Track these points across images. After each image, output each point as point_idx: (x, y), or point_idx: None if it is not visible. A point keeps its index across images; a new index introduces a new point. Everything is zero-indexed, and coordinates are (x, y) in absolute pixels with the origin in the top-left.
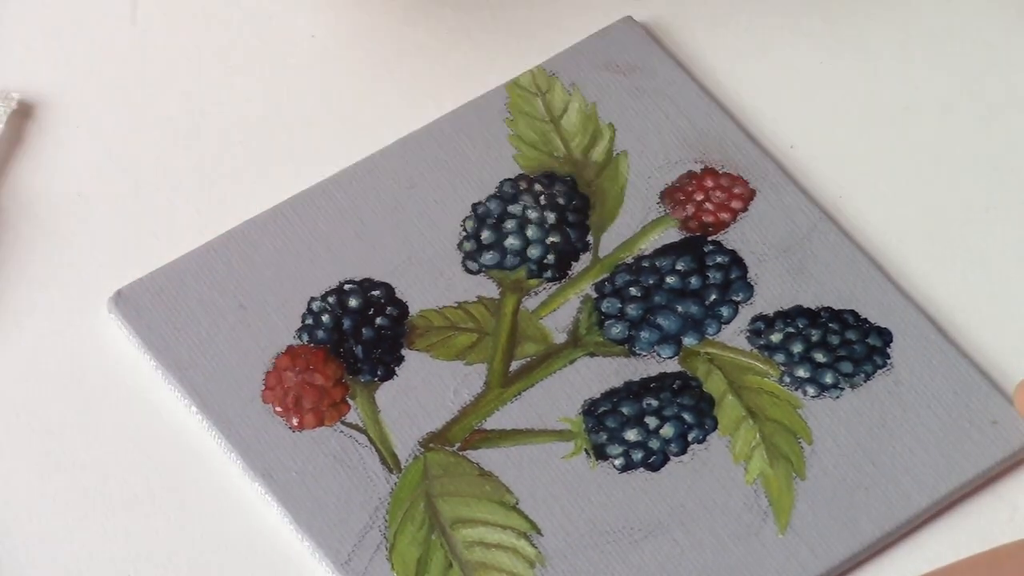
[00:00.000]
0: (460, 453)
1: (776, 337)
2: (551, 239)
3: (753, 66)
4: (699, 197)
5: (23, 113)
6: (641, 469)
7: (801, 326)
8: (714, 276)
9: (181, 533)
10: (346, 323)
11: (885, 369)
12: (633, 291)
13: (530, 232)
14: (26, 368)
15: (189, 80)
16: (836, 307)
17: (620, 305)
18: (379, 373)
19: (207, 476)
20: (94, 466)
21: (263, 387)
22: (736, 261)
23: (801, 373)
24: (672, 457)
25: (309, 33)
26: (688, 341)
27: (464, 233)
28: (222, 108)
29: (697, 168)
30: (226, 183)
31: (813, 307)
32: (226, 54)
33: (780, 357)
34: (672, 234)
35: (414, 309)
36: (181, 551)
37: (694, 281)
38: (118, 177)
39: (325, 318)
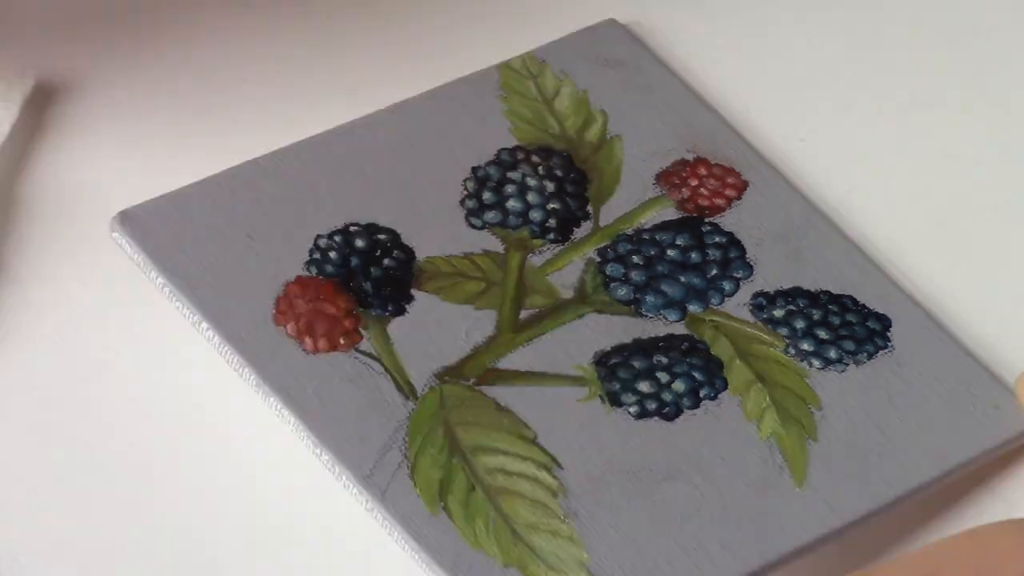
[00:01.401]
0: (476, 388)
1: (778, 312)
2: (551, 205)
3: (737, 67)
4: (694, 182)
5: (44, 96)
6: (656, 418)
7: (802, 305)
8: (713, 253)
9: (191, 456)
10: (354, 261)
11: (887, 351)
12: (636, 259)
13: (530, 197)
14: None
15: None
16: (835, 292)
17: (624, 270)
18: (390, 308)
19: (218, 395)
20: (102, 387)
21: (274, 311)
22: (734, 242)
23: (805, 347)
24: (685, 410)
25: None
26: (693, 308)
27: (465, 192)
28: (234, 62)
29: (690, 157)
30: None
31: (812, 289)
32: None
33: (784, 331)
34: (670, 213)
35: (420, 255)
36: (194, 471)
37: (694, 256)
38: (134, 157)
39: (332, 254)
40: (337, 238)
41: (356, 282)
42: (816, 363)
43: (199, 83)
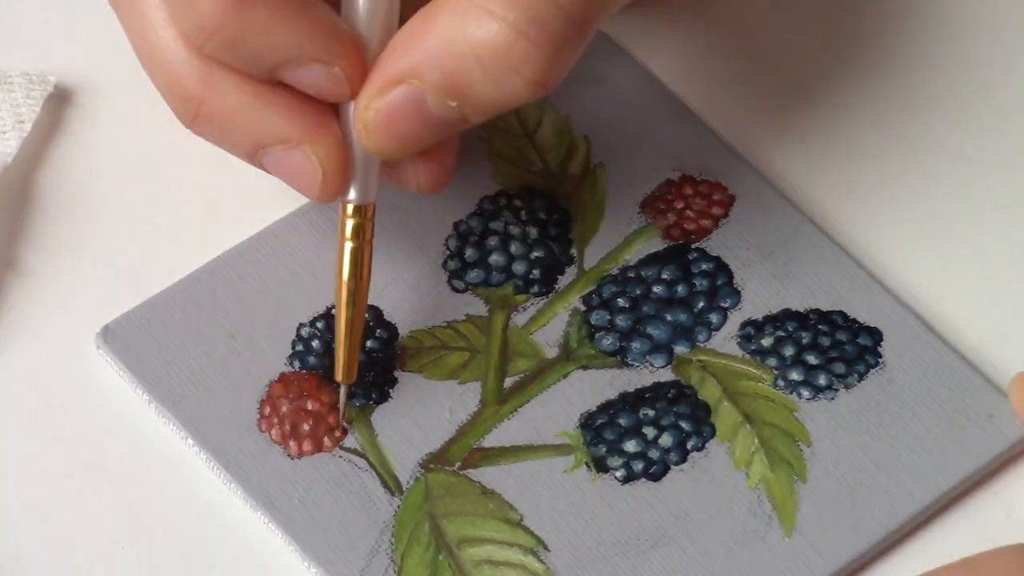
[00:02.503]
0: (461, 472)
1: (767, 341)
2: (535, 254)
3: (725, 72)
4: (679, 205)
5: (61, 98)
6: (643, 479)
7: (791, 329)
8: (700, 283)
9: (184, 568)
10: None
11: (878, 368)
12: (621, 302)
13: (513, 248)
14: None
15: None
16: (824, 308)
17: (609, 317)
18: (373, 396)
19: (207, 509)
20: (90, 504)
21: (258, 416)
22: (721, 267)
23: (794, 376)
24: (673, 466)
25: None
26: (679, 349)
27: (447, 252)
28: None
29: (675, 176)
30: (203, 214)
31: (801, 309)
32: None
33: (772, 361)
34: (655, 243)
35: (403, 330)
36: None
37: (681, 289)
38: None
39: (315, 343)
40: (319, 324)
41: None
42: (805, 393)
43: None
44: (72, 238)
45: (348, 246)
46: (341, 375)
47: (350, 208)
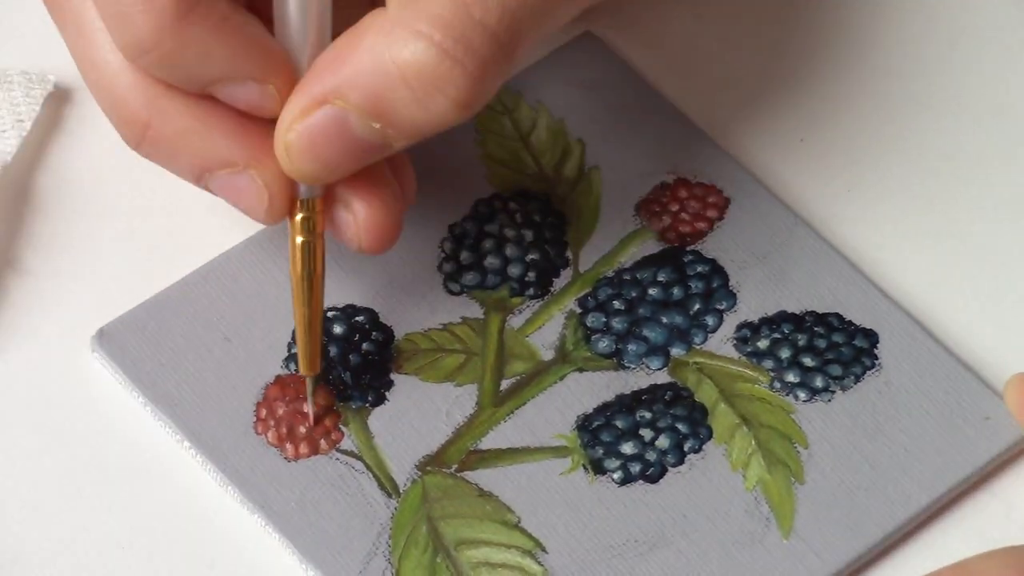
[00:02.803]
0: (458, 475)
1: (763, 343)
2: (530, 256)
3: (717, 74)
4: (674, 208)
5: (61, 98)
6: (640, 481)
7: (787, 331)
8: (696, 285)
9: (182, 569)
10: (332, 350)
11: (874, 370)
12: (617, 304)
13: (508, 251)
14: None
15: None
16: (820, 310)
17: (605, 319)
18: (369, 399)
19: (205, 511)
20: (87, 505)
21: (254, 419)
22: (717, 270)
23: (791, 378)
24: (670, 468)
25: None
26: (676, 351)
27: (443, 255)
28: None
29: (670, 179)
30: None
31: (797, 311)
32: None
33: (768, 363)
34: (651, 246)
35: (399, 333)
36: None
37: (676, 292)
38: None
39: None
40: None
41: (335, 373)
42: (802, 395)
43: None
44: (71, 238)
45: (299, 240)
46: (303, 367)
47: (298, 202)
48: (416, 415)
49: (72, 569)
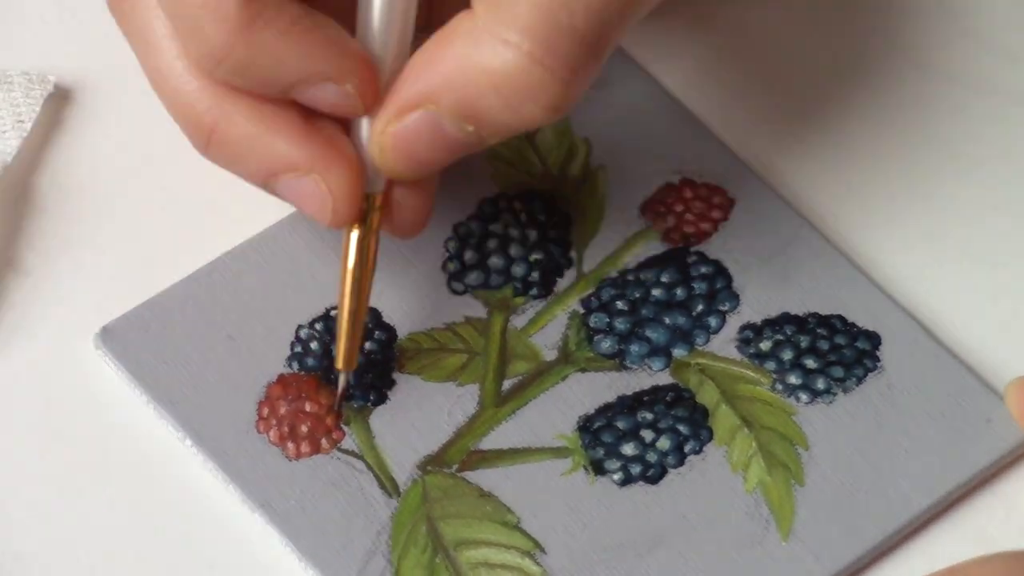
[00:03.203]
0: (458, 475)
1: (765, 345)
2: (534, 256)
3: (724, 75)
4: (679, 208)
5: (61, 98)
6: (640, 483)
7: (789, 333)
8: (699, 287)
9: (182, 568)
10: (334, 349)
11: (876, 372)
12: (620, 305)
13: (513, 250)
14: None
15: None
16: (823, 312)
17: (608, 319)
18: (371, 398)
19: (206, 509)
20: (89, 504)
21: (256, 418)
22: (720, 271)
23: (793, 380)
24: (670, 469)
25: None
26: (678, 352)
27: (447, 254)
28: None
29: (675, 180)
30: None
31: (800, 313)
32: None
33: (771, 365)
34: (655, 246)
35: (402, 332)
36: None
37: (680, 292)
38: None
39: (314, 345)
40: (318, 326)
41: (337, 371)
42: (804, 397)
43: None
44: (72, 238)
45: (354, 234)
46: (341, 363)
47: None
48: (418, 415)
49: (72, 569)
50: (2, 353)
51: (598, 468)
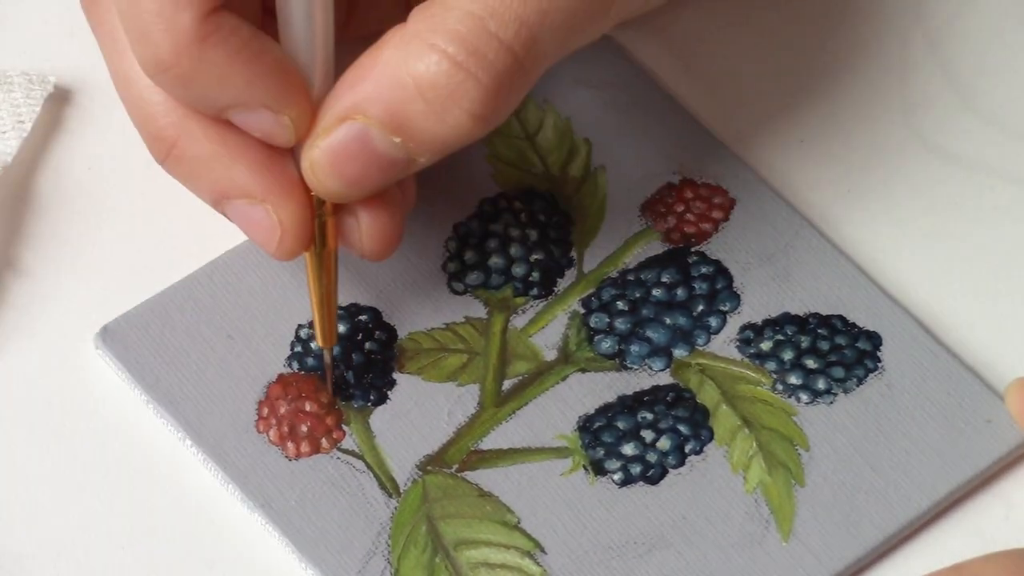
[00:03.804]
0: (458, 475)
1: (766, 345)
2: (534, 256)
3: (725, 75)
4: (679, 208)
5: (61, 98)
6: (640, 483)
7: (790, 333)
8: (700, 287)
9: (182, 568)
10: (335, 349)
11: (877, 373)
12: (620, 305)
13: (513, 250)
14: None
15: None
16: (823, 312)
17: (608, 320)
18: (371, 398)
19: (206, 509)
20: (88, 506)
21: (256, 417)
22: (721, 271)
23: (793, 380)
24: (670, 470)
25: None
26: (678, 353)
27: (447, 254)
28: None
29: (675, 179)
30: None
31: (801, 313)
32: None
33: (771, 365)
34: (655, 246)
35: (402, 332)
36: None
37: (680, 292)
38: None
39: (314, 345)
40: None
41: (338, 372)
42: (804, 397)
43: None
44: (71, 238)
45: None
46: (320, 340)
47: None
48: (418, 415)
49: (72, 569)
50: (2, 353)
51: (598, 468)
